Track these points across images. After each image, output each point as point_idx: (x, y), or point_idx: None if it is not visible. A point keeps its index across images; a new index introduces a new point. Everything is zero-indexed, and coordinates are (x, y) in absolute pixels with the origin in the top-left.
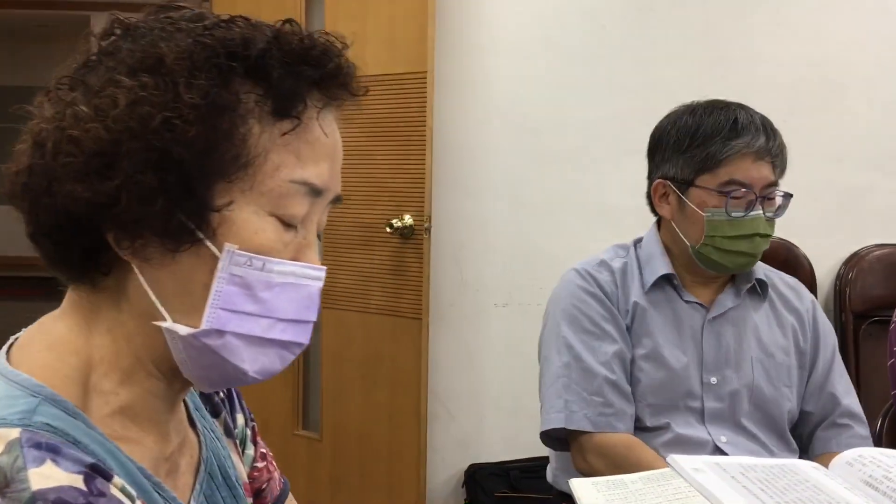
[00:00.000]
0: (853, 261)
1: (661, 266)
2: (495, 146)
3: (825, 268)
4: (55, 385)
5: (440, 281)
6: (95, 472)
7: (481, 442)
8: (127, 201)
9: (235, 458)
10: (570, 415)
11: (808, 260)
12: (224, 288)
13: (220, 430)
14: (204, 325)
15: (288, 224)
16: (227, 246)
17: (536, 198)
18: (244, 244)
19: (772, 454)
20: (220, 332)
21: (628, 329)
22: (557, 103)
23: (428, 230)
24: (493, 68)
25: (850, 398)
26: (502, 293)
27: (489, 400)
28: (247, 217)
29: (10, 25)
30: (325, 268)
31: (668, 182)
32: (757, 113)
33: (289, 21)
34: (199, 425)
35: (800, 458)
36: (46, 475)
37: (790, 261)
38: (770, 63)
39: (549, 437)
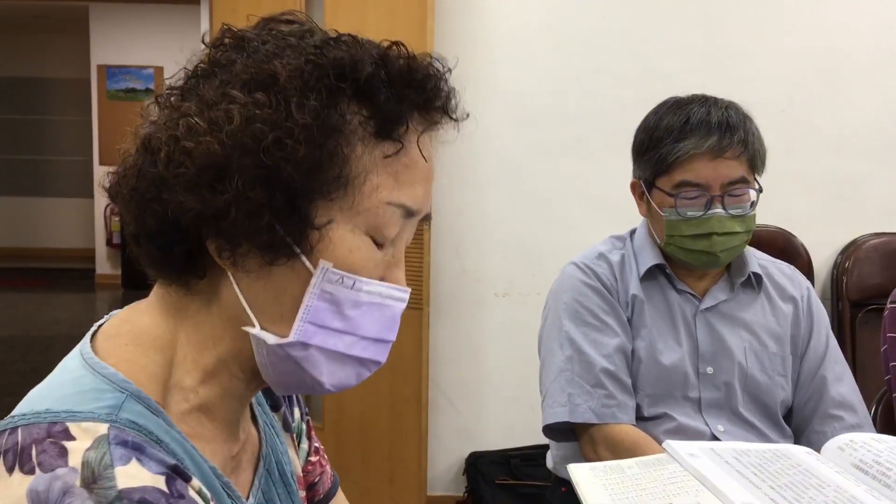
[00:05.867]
0: (850, 249)
1: (652, 257)
2: (496, 137)
3: (823, 256)
4: (140, 381)
5: (441, 271)
6: (176, 474)
7: (482, 430)
8: (235, 215)
9: (292, 452)
10: (574, 408)
11: (805, 249)
12: (314, 303)
13: (279, 424)
14: (292, 338)
15: (380, 244)
16: (322, 263)
17: (536, 189)
18: (338, 262)
19: (768, 441)
20: (304, 345)
21: (629, 321)
22: (557, 95)
23: (428, 221)
24: (493, 60)
25: (841, 385)
26: (502, 283)
27: (489, 389)
28: (343, 235)
29: (8, 16)
30: (409, 289)
31: (640, 182)
32: (720, 108)
33: (396, 43)
34: (260, 421)
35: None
36: (132, 474)
37: (788, 249)
38: (770, 54)
39: (551, 429)
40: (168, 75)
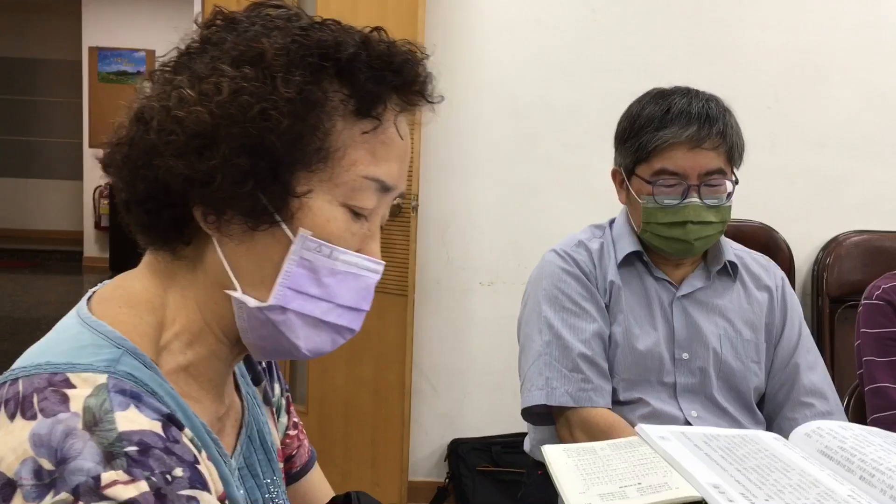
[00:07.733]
0: (831, 246)
1: (630, 244)
2: (483, 127)
3: (804, 252)
4: (134, 340)
5: (426, 259)
6: (170, 422)
7: (464, 417)
8: (221, 181)
9: (271, 424)
10: (551, 391)
11: (787, 244)
12: (293, 269)
13: (259, 397)
14: (271, 301)
15: (357, 215)
16: (302, 231)
17: (522, 178)
18: (317, 231)
19: (740, 426)
20: (283, 309)
21: (606, 307)
22: (545, 86)
23: (415, 209)
24: (483, 51)
25: (813, 374)
26: (488, 272)
27: (472, 376)
28: (322, 205)
29: None
30: (383, 263)
31: (621, 170)
32: (701, 100)
33: (377, 29)
34: (243, 391)
35: (766, 429)
36: (131, 419)
37: (770, 245)
38: (756, 50)
39: (529, 412)
40: (161, 57)
